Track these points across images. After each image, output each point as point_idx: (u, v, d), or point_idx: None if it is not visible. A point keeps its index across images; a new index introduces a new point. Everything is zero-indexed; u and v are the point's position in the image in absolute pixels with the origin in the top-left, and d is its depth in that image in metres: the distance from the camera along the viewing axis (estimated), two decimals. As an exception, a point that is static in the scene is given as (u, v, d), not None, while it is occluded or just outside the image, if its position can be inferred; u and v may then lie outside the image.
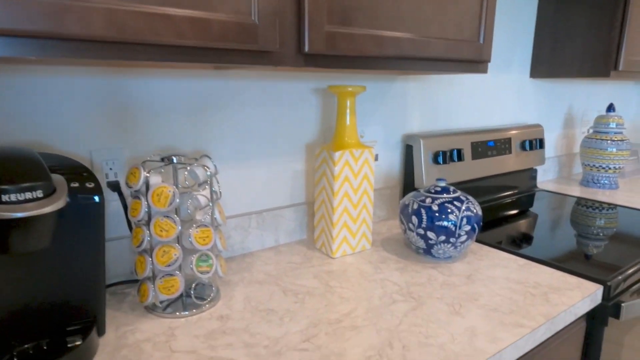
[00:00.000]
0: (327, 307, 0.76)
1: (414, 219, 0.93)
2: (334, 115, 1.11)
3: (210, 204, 0.74)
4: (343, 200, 0.95)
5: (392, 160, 1.26)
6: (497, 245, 1.04)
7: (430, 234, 0.91)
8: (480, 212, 0.94)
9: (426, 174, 1.21)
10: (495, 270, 0.91)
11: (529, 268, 0.92)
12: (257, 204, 1.01)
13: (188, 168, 0.72)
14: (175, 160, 0.71)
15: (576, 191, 1.60)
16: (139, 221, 0.69)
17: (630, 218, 1.28)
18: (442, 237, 0.91)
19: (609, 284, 0.85)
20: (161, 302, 0.74)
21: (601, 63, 1.39)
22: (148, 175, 0.68)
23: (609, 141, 1.59)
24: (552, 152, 1.81)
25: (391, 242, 1.07)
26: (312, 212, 1.08)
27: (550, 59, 1.53)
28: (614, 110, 1.62)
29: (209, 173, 0.73)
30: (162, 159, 0.72)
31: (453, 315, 0.73)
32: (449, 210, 0.91)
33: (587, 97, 1.91)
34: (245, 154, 0.97)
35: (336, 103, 1.02)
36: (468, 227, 0.91)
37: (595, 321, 0.87)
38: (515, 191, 1.51)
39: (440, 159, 1.22)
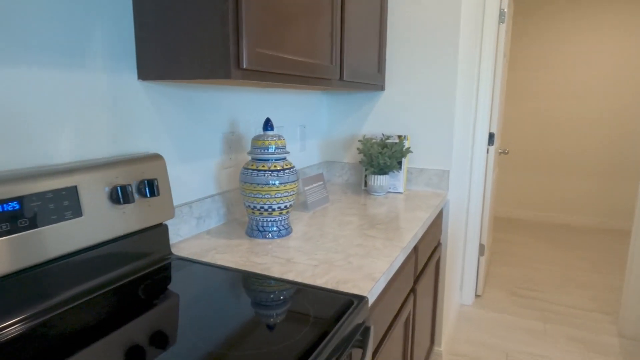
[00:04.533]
0: None
1: None
2: None
3: None
4: None
5: None
6: None
7: None
8: None
9: None
10: None
11: None
12: None
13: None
14: None
15: (240, 246, 1.08)
16: None
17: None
18: None
19: None
20: None
21: (217, 58, 0.87)
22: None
23: (268, 172, 1.12)
24: (209, 190, 1.27)
25: None
26: None
27: (157, 52, 0.94)
28: (271, 127, 1.16)
29: None
30: None
31: None
32: None
33: (255, 109, 1.46)
34: None
35: None
36: None
37: None
38: (106, 277, 0.87)
39: None
